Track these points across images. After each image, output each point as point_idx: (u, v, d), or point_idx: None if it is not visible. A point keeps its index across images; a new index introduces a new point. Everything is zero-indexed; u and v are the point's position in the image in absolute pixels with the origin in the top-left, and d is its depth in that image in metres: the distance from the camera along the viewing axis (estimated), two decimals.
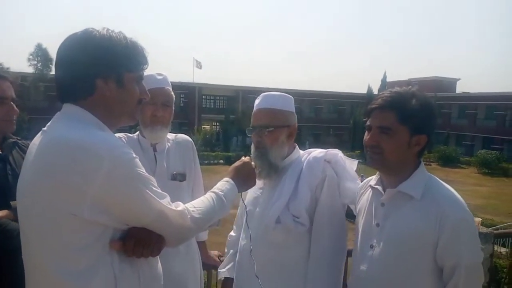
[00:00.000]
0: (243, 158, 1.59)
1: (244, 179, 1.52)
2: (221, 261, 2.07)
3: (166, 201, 1.15)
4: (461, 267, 1.36)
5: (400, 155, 1.46)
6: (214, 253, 2.28)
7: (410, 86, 1.52)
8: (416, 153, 1.48)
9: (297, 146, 1.80)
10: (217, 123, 45.53)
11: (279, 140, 1.68)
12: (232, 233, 2.02)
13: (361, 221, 1.60)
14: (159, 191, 1.15)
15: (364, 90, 48.25)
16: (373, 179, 1.63)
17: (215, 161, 32.08)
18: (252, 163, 1.59)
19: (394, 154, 1.45)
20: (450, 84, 48.02)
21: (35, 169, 1.07)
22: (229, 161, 33.21)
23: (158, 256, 1.22)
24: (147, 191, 1.10)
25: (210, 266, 2.21)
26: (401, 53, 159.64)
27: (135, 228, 1.13)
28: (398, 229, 1.45)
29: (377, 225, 1.51)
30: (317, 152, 1.73)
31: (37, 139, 1.14)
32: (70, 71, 1.15)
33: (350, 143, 41.52)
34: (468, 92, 44.04)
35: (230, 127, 42.38)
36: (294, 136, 1.75)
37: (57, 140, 1.07)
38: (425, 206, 1.41)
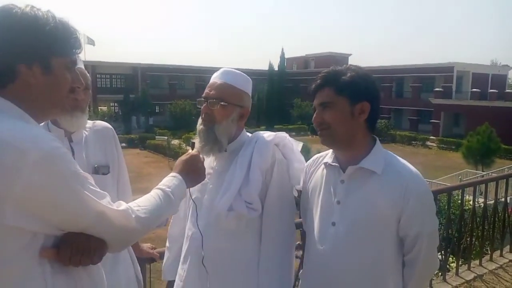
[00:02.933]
0: (190, 151, 1.49)
1: (192, 174, 1.41)
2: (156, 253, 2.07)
3: (106, 201, 1.03)
4: (423, 235, 1.43)
5: (346, 126, 1.46)
6: (146, 245, 2.13)
7: (345, 65, 1.55)
8: (363, 123, 1.48)
9: (244, 130, 1.72)
10: (115, 104, 42.77)
11: (230, 117, 1.60)
12: (173, 226, 1.90)
13: (317, 199, 1.59)
14: (97, 190, 1.03)
15: (266, 67, 49.32)
16: (327, 157, 1.61)
17: None
18: (201, 155, 1.49)
19: (340, 126, 1.46)
20: (343, 59, 51.09)
21: None
22: (131, 144, 31.59)
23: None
24: (83, 190, 0.98)
25: (145, 260, 2.10)
26: (298, 30, 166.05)
27: (71, 232, 0.99)
28: (362, 206, 1.46)
29: (338, 202, 1.50)
30: (266, 135, 1.65)
31: None
32: None
33: (256, 119, 42.37)
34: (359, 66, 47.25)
35: (130, 107, 40.16)
36: (245, 120, 1.68)
37: None
38: (388, 180, 1.44)
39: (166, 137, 30.91)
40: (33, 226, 0.93)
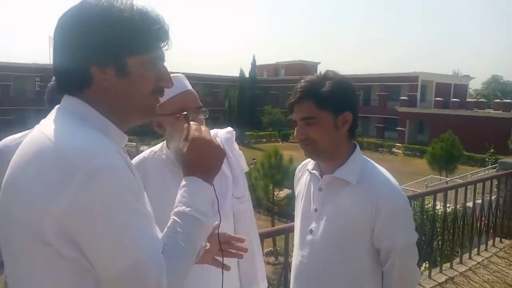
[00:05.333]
0: (193, 127, 1.02)
1: (209, 162, 0.99)
2: None
3: (156, 248, 0.81)
4: (396, 249, 1.40)
5: (331, 139, 1.45)
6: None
7: (321, 72, 1.51)
8: (346, 132, 1.47)
9: None
10: None
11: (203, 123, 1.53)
12: None
13: (300, 205, 1.61)
14: (151, 230, 0.83)
15: (237, 73, 49.43)
16: (310, 164, 1.63)
17: None
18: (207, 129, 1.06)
19: (325, 140, 1.44)
20: (313, 67, 51.89)
21: (9, 172, 0.85)
22: None
23: None
24: (129, 224, 0.78)
25: None
26: (269, 38, 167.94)
27: None
28: (336, 215, 1.46)
29: (315, 210, 1.52)
30: (224, 132, 1.64)
31: (28, 136, 0.90)
32: (62, 56, 0.89)
33: (226, 124, 42.09)
34: None
35: None
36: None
37: (37, 141, 0.83)
38: (361, 191, 1.42)
39: (134, 143, 30.34)
40: (75, 255, 0.78)
